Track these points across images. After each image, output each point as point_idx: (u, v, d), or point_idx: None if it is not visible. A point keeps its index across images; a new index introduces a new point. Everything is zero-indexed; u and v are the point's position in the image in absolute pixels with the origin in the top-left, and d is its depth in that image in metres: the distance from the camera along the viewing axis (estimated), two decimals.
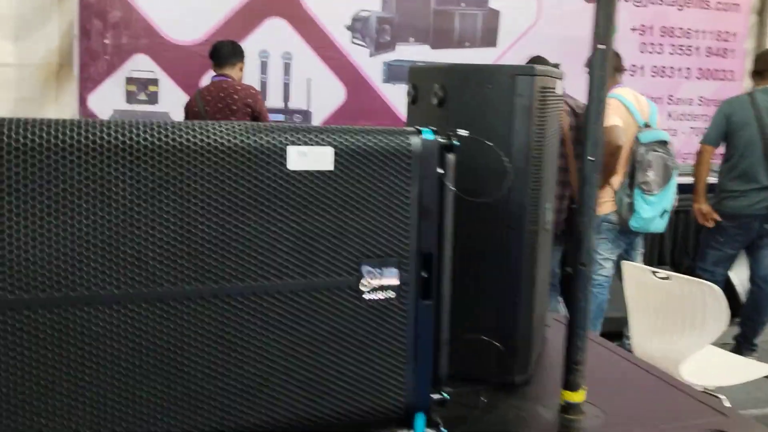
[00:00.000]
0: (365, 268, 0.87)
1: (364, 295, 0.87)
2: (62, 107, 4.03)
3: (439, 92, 1.24)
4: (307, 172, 0.83)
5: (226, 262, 0.81)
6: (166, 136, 0.78)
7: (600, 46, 1.08)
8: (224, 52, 3.56)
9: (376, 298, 0.88)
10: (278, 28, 4.14)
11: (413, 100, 1.35)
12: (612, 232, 3.38)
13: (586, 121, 1.09)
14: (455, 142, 0.91)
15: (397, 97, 4.32)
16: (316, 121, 4.28)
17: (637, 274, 2.65)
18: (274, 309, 0.83)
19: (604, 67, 1.08)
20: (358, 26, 4.30)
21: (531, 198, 1.20)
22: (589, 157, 1.08)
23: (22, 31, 3.87)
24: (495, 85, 1.20)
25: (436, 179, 0.90)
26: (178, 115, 3.91)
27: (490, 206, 1.13)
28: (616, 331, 3.32)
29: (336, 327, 0.86)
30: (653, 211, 3.27)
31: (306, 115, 4.27)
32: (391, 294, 0.89)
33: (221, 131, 0.80)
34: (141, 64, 4.00)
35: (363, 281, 0.87)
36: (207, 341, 0.81)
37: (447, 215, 0.93)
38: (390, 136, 0.87)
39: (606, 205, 3.30)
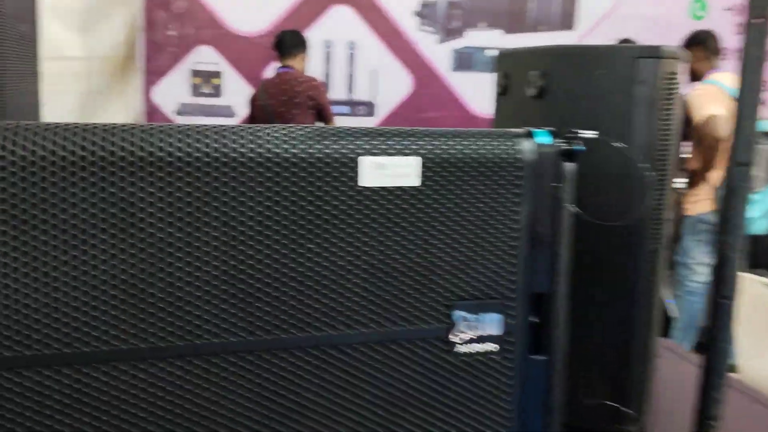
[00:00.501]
0: (458, 314, 0.67)
1: (456, 349, 0.67)
2: (128, 101, 3.98)
3: (538, 81, 1.02)
4: (384, 189, 0.63)
5: (281, 306, 0.62)
6: (206, 145, 0.59)
7: (755, 21, 0.84)
8: (287, 42, 3.40)
9: (472, 352, 0.68)
10: (343, 17, 3.97)
11: (503, 91, 1.14)
12: (709, 233, 3.07)
13: (737, 115, 0.85)
14: (579, 147, 0.70)
15: (466, 86, 4.08)
16: (381, 113, 4.09)
17: (748, 283, 2.35)
18: (342, 366, 0.64)
19: (762, 46, 0.84)
20: (426, 12, 4.08)
21: (653, 210, 0.96)
22: (739, 162, 0.84)
23: (88, 23, 3.83)
24: (611, 70, 0.97)
25: (552, 196, 0.69)
26: (241, 109, 3.80)
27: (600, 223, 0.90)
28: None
29: (420, 389, 0.67)
30: (756, 211, 2.94)
31: (370, 106, 4.09)
32: (492, 347, 0.68)
33: (275, 137, 0.61)
34: (205, 56, 3.91)
35: (455, 331, 0.67)
36: (259, 406, 0.63)
37: (564, 243, 0.72)
38: (492, 140, 0.67)
39: (703, 203, 2.98)
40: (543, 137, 0.69)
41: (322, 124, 3.32)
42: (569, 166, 0.72)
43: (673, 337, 2.99)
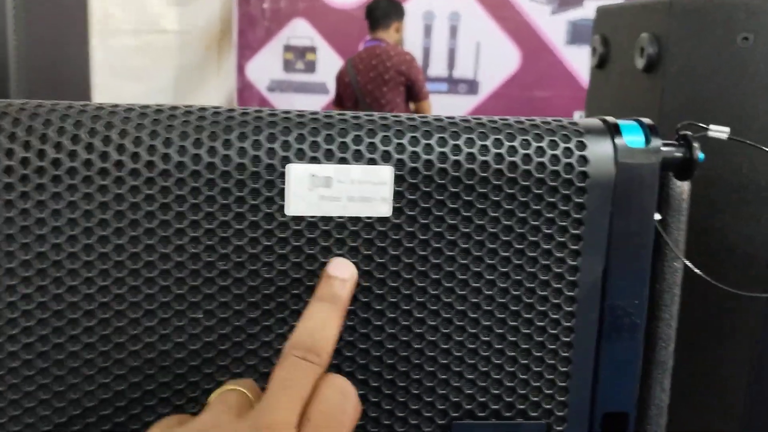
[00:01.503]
0: None
1: None
2: (223, 76, 3.88)
3: (649, 47, 0.69)
4: (329, 221, 0.35)
5: None
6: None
7: None
8: (378, 11, 3.08)
9: None
10: None
11: (600, 63, 0.82)
12: None
13: None
14: (698, 155, 0.39)
15: (581, 62, 3.64)
16: (484, 92, 3.74)
17: None
18: None
19: None
20: None
21: None
22: None
23: None
24: (757, 35, 0.63)
25: (643, 240, 0.38)
26: (334, 85, 3.60)
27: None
28: None
29: None
30: None
31: (472, 84, 3.75)
32: None
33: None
34: (299, 30, 3.73)
35: None
36: None
37: (663, 324, 0.41)
38: (537, 138, 0.37)
39: None
40: (633, 133, 0.38)
41: (412, 105, 3.04)
42: (679, 188, 0.40)
43: None
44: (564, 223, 0.37)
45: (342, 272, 0.35)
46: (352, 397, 0.33)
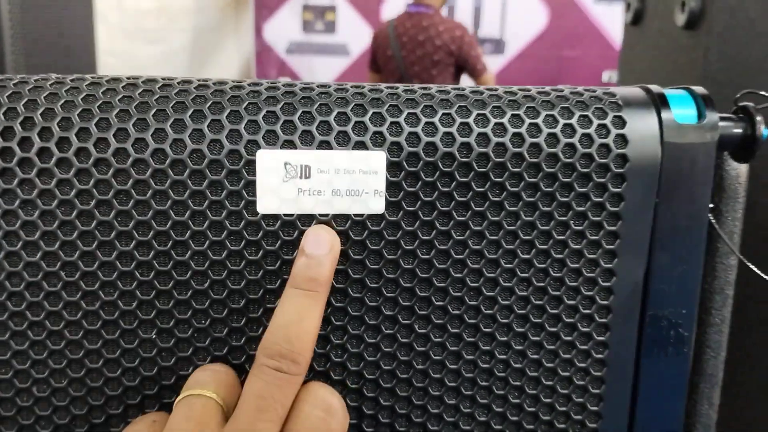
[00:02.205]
0: None
1: None
2: (241, 37, 3.80)
3: (691, 1, 0.61)
4: (307, 218, 0.29)
5: None
6: None
7: None
8: None
9: None
10: None
11: (635, 18, 0.74)
12: None
13: None
14: (763, 130, 0.32)
15: (612, 20, 3.49)
16: (511, 52, 3.62)
17: None
18: None
19: None
20: None
21: None
22: None
23: None
24: None
25: (696, 233, 0.31)
26: (356, 47, 3.51)
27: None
28: None
29: None
30: None
31: (498, 44, 3.62)
32: None
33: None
34: None
35: None
36: None
37: (712, 330, 0.35)
38: (565, 113, 0.30)
39: None
40: (684, 108, 0.31)
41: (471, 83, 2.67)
42: (736, 170, 0.33)
43: None
44: (598, 219, 0.30)
45: (319, 247, 0.28)
46: (337, 413, 0.28)
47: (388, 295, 0.30)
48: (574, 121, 0.30)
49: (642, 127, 0.30)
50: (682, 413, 0.33)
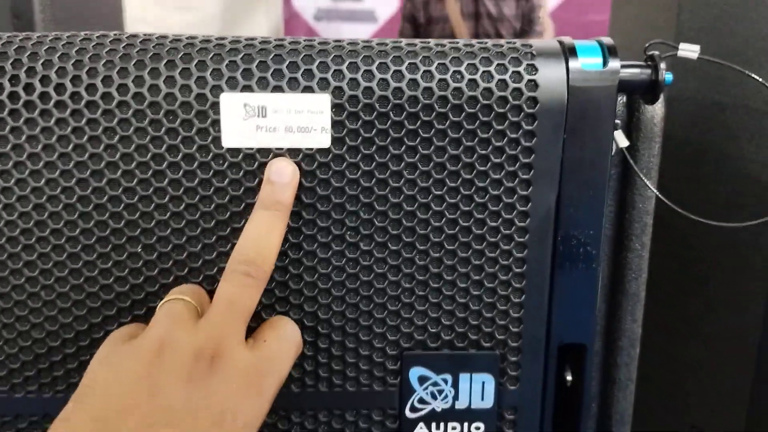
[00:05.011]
0: (416, 373, 0.38)
1: (413, 431, 0.39)
2: (270, 5, 3.83)
3: None
4: (266, 152, 0.35)
5: None
6: None
7: None
8: None
9: None
10: None
11: None
12: None
13: None
14: (666, 75, 0.36)
15: None
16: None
17: None
18: None
19: None
20: None
21: None
22: None
23: None
24: None
25: (598, 166, 0.36)
26: (383, 12, 3.52)
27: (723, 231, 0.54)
28: None
29: None
30: None
31: None
32: (478, 430, 0.39)
33: None
34: None
35: (412, 400, 0.39)
36: None
37: (633, 255, 0.40)
38: (486, 63, 0.35)
39: None
40: (591, 57, 0.35)
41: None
42: (650, 112, 0.38)
43: None
44: (514, 152, 0.35)
45: (282, 176, 0.34)
46: (295, 335, 0.35)
47: (336, 218, 0.36)
48: (492, 68, 0.35)
49: (551, 73, 0.35)
50: (593, 324, 0.39)
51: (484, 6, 2.45)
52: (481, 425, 0.39)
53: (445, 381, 0.38)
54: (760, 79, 0.41)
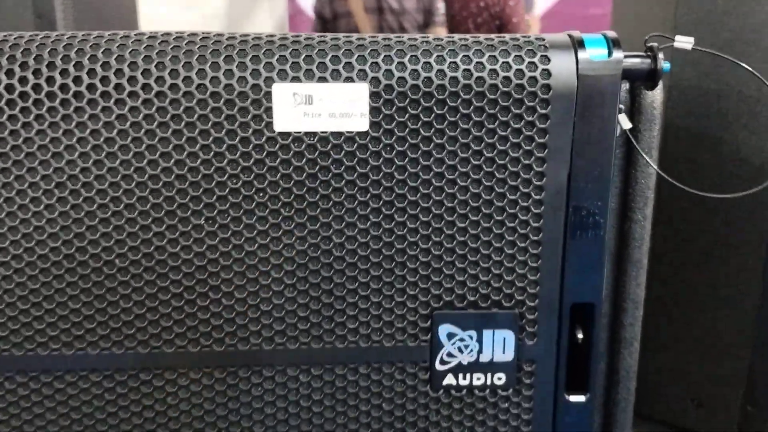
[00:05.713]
0: (445, 330, 0.43)
1: (442, 381, 0.44)
2: (274, 1, 3.87)
3: None
4: (313, 135, 0.40)
5: None
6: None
7: None
8: None
9: (465, 386, 0.44)
10: None
11: None
12: None
13: None
14: (664, 64, 0.41)
15: None
16: (538, 10, 3.63)
17: None
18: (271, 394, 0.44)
19: None
20: None
21: None
22: None
23: None
24: None
25: (605, 147, 0.41)
26: None
27: (724, 206, 0.59)
28: None
29: None
30: None
31: (526, 3, 3.62)
32: (500, 380, 0.44)
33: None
34: None
35: (442, 355, 0.44)
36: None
37: (636, 226, 0.45)
38: (502, 55, 0.40)
39: None
40: (597, 48, 0.40)
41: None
42: (650, 97, 0.43)
43: None
44: (530, 133, 0.40)
45: None
46: None
47: (374, 192, 0.41)
48: (510, 59, 0.40)
49: (562, 63, 0.40)
50: (601, 285, 0.44)
51: (386, 1, 2.51)
52: (503, 376, 0.44)
53: (471, 337, 0.43)
54: (750, 68, 0.46)
